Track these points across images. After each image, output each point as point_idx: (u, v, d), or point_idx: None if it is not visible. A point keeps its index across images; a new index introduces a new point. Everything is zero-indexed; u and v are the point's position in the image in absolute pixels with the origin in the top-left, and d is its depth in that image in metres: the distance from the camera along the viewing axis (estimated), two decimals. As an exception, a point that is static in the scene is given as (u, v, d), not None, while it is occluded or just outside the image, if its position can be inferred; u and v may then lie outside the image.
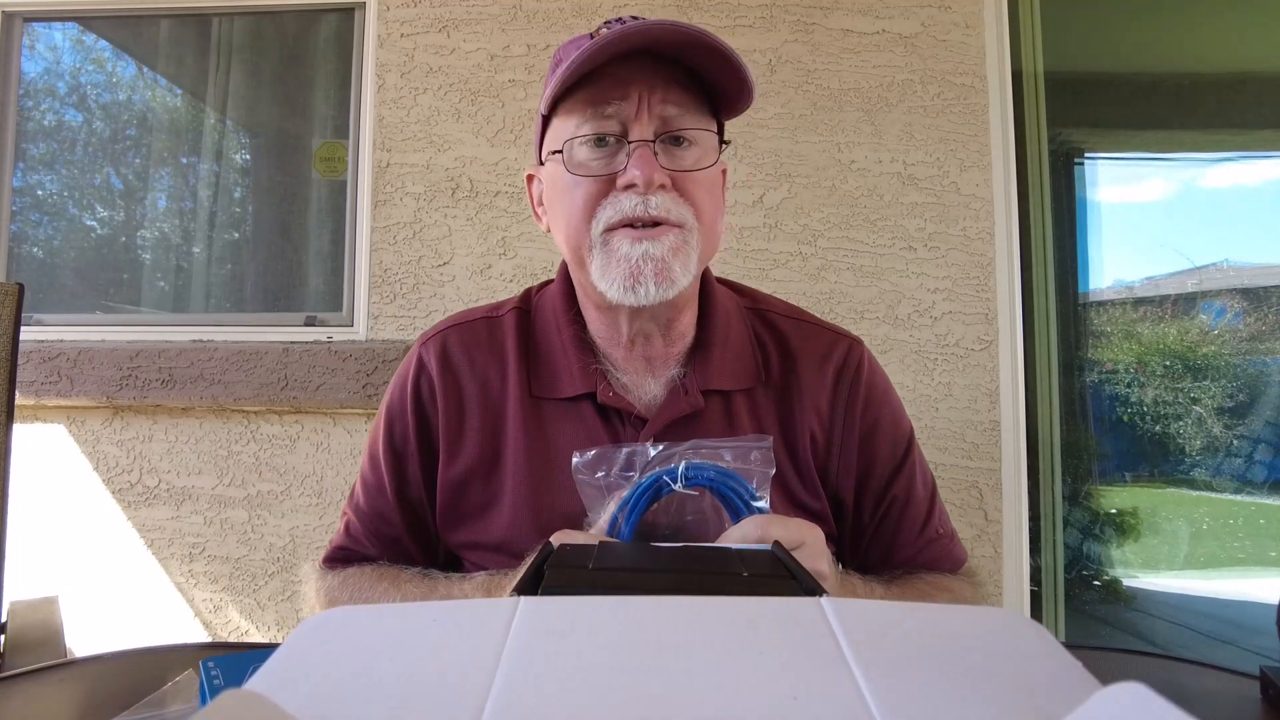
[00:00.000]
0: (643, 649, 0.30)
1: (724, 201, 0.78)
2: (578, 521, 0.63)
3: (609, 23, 0.69)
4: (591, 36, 0.69)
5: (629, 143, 0.68)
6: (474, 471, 0.75)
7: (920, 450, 0.82)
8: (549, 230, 0.78)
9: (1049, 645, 0.32)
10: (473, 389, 0.76)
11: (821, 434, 0.76)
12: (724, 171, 0.78)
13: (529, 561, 0.65)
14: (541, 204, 0.79)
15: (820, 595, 0.37)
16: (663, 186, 0.67)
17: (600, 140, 0.69)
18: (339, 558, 0.80)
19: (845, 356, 0.78)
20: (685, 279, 0.69)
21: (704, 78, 0.70)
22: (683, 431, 0.71)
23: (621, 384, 0.75)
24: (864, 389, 0.78)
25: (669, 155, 0.69)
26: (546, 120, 0.74)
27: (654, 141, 0.68)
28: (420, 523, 0.78)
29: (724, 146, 0.74)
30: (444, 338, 0.79)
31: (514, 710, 0.26)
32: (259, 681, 0.28)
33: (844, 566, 0.76)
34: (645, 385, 0.75)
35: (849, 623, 0.33)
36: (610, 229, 0.68)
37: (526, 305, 0.81)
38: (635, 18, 0.70)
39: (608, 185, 0.69)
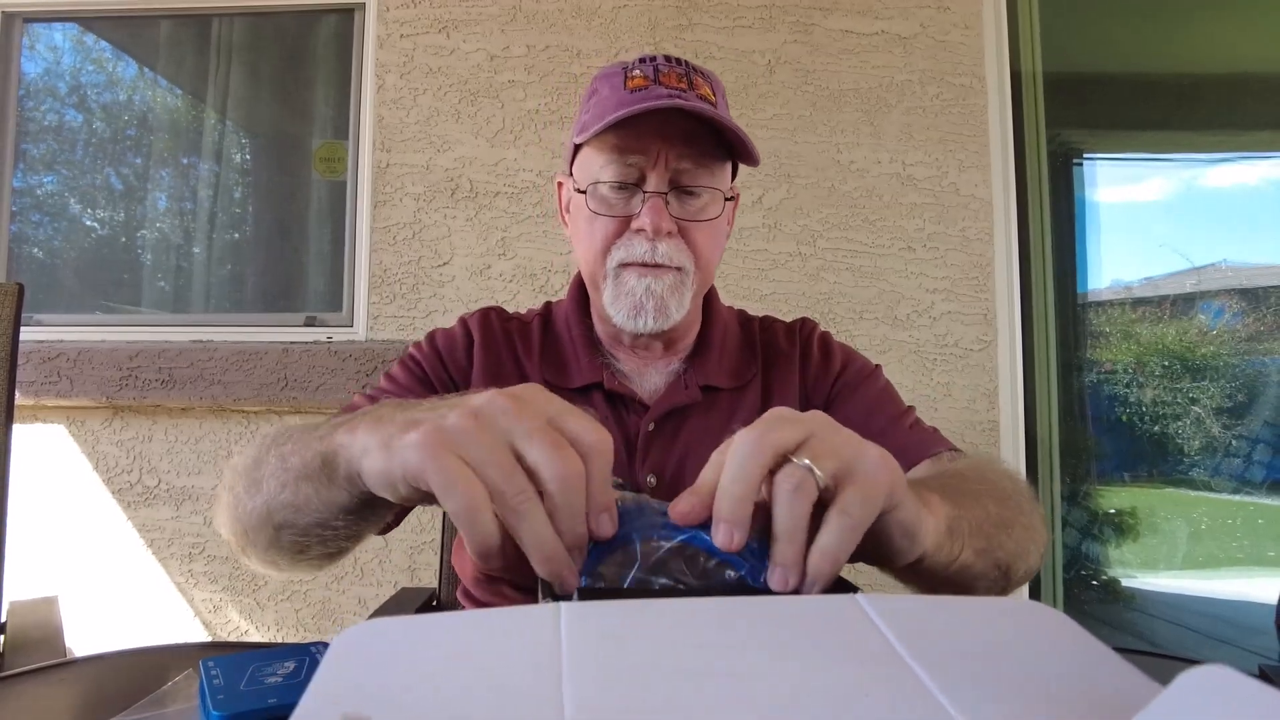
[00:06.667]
0: (706, 650, 0.30)
1: (731, 227, 0.88)
2: None
3: (643, 60, 0.79)
4: (625, 70, 0.78)
5: (644, 192, 0.77)
6: None
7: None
8: (571, 238, 0.87)
9: (1082, 637, 0.32)
10: (508, 357, 0.85)
11: (810, 383, 0.87)
12: (736, 197, 0.86)
13: None
14: (568, 210, 0.87)
15: (855, 592, 0.37)
16: (670, 234, 0.77)
17: (621, 184, 0.78)
18: None
19: (802, 325, 0.92)
20: (680, 313, 0.79)
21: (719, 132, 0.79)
22: (680, 419, 0.81)
23: (624, 374, 0.84)
24: (822, 339, 0.91)
25: (680, 203, 0.78)
26: (577, 145, 0.82)
27: (666, 193, 0.77)
28: None
29: (732, 199, 0.83)
30: (486, 312, 0.89)
31: (599, 715, 0.26)
32: (316, 699, 0.27)
33: None
34: (647, 376, 0.85)
35: (890, 618, 0.33)
36: (623, 266, 0.78)
37: (547, 313, 0.92)
38: (670, 58, 0.78)
39: (623, 225, 0.78)
